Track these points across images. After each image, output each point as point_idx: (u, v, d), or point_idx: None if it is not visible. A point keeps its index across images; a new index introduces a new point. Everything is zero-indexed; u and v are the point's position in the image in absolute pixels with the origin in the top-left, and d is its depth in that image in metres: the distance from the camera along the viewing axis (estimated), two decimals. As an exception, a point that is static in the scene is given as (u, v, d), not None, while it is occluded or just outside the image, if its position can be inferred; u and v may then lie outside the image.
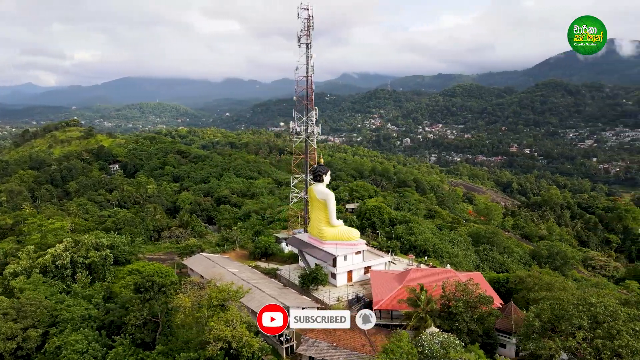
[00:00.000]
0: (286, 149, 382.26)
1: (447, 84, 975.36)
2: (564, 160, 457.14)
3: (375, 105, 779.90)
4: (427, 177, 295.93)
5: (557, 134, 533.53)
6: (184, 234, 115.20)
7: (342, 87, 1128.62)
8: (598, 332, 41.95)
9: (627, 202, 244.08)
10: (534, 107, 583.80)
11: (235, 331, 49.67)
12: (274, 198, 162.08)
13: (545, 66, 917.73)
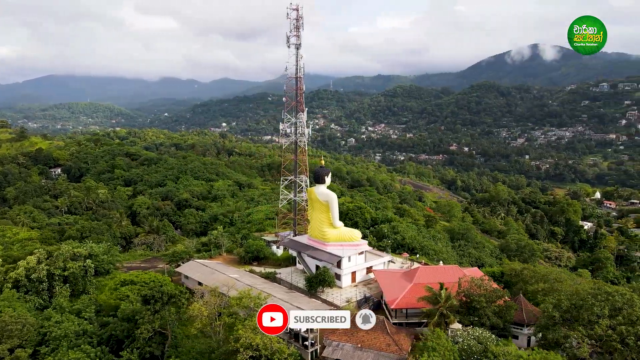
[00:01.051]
0: (235, 150, 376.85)
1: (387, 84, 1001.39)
2: (499, 158, 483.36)
3: (319, 106, 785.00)
4: (379, 176, 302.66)
5: (492, 133, 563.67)
6: (157, 240, 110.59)
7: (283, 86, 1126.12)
8: (619, 319, 45.40)
9: (563, 196, 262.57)
10: (470, 108, 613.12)
11: (265, 338, 48.76)
12: (240, 200, 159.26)
13: (478, 68, 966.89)
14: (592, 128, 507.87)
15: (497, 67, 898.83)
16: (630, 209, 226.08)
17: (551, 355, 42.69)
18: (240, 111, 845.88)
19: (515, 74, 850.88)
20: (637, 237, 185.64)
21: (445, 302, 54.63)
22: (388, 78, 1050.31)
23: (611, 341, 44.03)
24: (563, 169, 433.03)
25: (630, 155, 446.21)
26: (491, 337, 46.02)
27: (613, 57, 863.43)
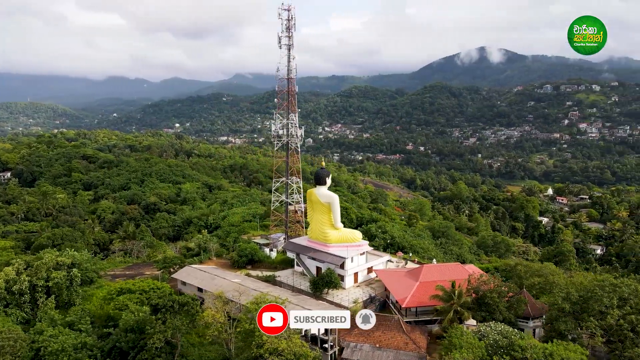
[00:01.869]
0: (194, 151, 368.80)
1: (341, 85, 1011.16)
2: (454, 157, 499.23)
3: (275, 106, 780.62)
4: (342, 176, 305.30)
5: (446, 132, 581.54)
6: (136, 247, 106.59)
7: (238, 87, 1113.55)
8: (627, 309, 48.41)
9: (518, 193, 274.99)
10: (424, 108, 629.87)
11: (291, 343, 48.37)
12: (214, 203, 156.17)
13: (429, 70, 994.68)
14: (538, 128, 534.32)
15: (447, 69, 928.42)
16: (580, 204, 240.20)
17: (571, 346, 44.98)
18: (194, 112, 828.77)
19: (465, 75, 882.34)
20: (590, 231, 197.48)
21: (459, 299, 56.20)
22: (342, 79, 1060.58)
23: (622, 330, 46.97)
24: (513, 167, 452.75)
25: (573, 153, 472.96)
26: (514, 331, 47.87)
27: (553, 61, 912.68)
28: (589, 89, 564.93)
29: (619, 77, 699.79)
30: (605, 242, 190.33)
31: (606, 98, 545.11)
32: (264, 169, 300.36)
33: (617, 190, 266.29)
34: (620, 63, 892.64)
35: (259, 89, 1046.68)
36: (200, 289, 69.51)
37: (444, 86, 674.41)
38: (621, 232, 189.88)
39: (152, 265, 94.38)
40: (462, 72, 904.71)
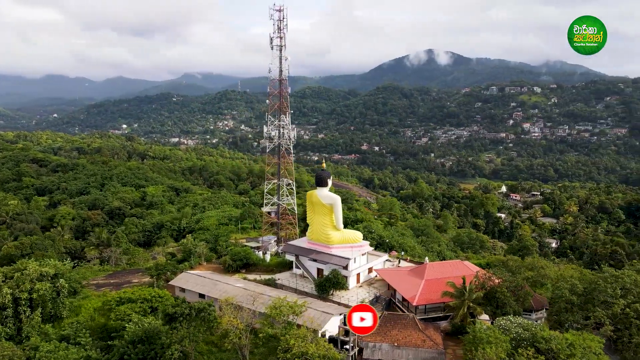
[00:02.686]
0: (148, 154, 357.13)
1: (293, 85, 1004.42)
2: (408, 157, 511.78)
3: (227, 107, 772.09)
4: (305, 177, 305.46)
5: (399, 132, 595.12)
6: (115, 254, 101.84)
7: (187, 87, 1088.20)
8: (630, 298, 51.89)
9: (472, 190, 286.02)
10: (377, 109, 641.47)
11: (319, 346, 48.23)
12: (187, 206, 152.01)
13: (379, 71, 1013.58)
14: (486, 127, 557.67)
15: (397, 70, 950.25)
16: (533, 200, 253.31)
17: (586, 335, 47.70)
18: (142, 112, 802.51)
19: (414, 76, 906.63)
20: (545, 225, 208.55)
21: (470, 295, 58.06)
22: (294, 79, 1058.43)
23: (628, 318, 50.34)
24: (464, 165, 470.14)
25: (518, 152, 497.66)
26: (533, 323, 50.07)
27: (495, 63, 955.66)
28: (531, 91, 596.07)
29: (556, 79, 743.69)
30: (559, 236, 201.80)
31: (546, 99, 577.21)
32: (225, 170, 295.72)
33: (564, 186, 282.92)
34: (555, 66, 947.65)
35: (209, 89, 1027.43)
36: (202, 295, 67.72)
37: (396, 87, 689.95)
38: (573, 226, 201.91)
39: (136, 272, 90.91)
40: (412, 74, 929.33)
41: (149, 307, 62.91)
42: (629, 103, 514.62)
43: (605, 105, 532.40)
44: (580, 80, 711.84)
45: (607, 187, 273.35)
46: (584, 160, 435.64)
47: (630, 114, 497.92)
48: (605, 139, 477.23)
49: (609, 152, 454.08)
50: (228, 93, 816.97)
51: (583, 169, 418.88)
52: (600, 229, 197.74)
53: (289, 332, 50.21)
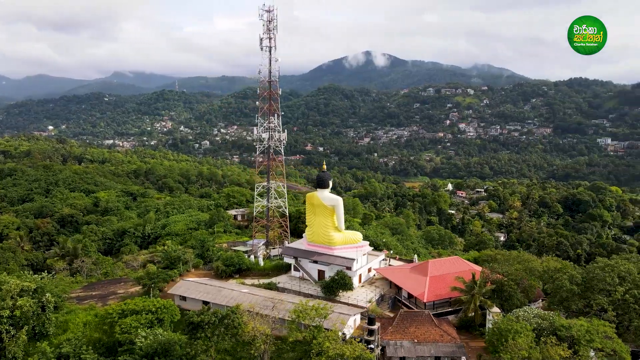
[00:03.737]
0: (85, 157, 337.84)
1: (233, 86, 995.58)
2: (352, 156, 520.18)
3: (165, 107, 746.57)
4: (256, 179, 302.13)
5: (341, 133, 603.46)
6: (87, 264, 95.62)
7: (119, 86, 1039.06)
8: (627, 285, 56.63)
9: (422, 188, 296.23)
10: (319, 109, 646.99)
11: (355, 347, 48.58)
12: (150, 211, 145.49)
13: (319, 72, 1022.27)
14: (424, 127, 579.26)
15: (336, 71, 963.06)
16: (478, 196, 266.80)
17: (597, 321, 51.64)
18: (71, 113, 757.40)
19: (353, 77, 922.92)
20: (492, 220, 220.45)
21: (480, 289, 60.72)
22: (233, 80, 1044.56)
23: (628, 304, 55.01)
24: (406, 164, 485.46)
25: (456, 150, 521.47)
26: (550, 313, 53.30)
27: (429, 66, 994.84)
28: (465, 93, 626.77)
29: (485, 81, 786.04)
30: (506, 230, 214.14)
31: (479, 101, 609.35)
32: (173, 173, 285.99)
33: (504, 183, 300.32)
34: (484, 69, 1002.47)
35: (143, 88, 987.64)
36: (207, 302, 65.60)
37: (337, 88, 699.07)
38: (518, 220, 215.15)
39: (117, 282, 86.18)
40: (351, 75, 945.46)
41: (156, 319, 60.12)
42: (552, 104, 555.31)
43: (531, 106, 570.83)
44: (507, 82, 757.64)
45: (543, 183, 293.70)
46: (516, 158, 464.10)
47: (554, 115, 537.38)
48: (533, 138, 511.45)
49: (536, 150, 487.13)
50: (165, 93, 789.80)
51: (515, 166, 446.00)
52: (542, 222, 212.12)
53: (319, 335, 50.15)
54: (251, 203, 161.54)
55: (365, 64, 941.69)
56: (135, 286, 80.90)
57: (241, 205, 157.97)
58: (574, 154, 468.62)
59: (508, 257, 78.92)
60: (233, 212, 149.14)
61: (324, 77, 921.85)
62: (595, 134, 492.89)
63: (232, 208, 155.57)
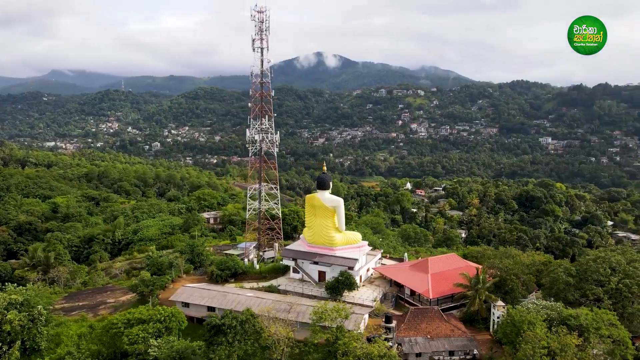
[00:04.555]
0: (29, 160, 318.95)
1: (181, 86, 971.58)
2: (308, 157, 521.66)
3: (110, 107, 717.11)
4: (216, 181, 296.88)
5: (296, 133, 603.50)
6: (63, 273, 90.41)
7: (58, 85, 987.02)
8: (619, 276, 60.73)
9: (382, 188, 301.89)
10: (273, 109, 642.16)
11: (381, 346, 49.31)
12: (118, 217, 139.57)
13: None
14: (378, 128, 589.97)
15: (288, 72, 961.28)
16: (437, 195, 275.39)
17: (595, 310, 55.16)
18: (5, 113, 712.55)
19: (305, 78, 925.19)
20: (453, 217, 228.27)
21: (484, 284, 63.15)
22: (181, 79, 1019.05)
23: (621, 292, 59.09)
24: (362, 164, 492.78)
25: (409, 150, 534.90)
26: (557, 304, 56.30)
27: (379, 67, 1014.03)
28: (416, 94, 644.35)
29: (433, 83, 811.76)
30: (466, 226, 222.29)
31: (429, 102, 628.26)
32: (128, 176, 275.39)
33: (459, 181, 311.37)
34: (431, 71, 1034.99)
35: (86, 88, 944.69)
36: (212, 308, 64.21)
37: (290, 89, 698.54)
38: (477, 217, 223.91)
39: (102, 291, 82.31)
40: (303, 75, 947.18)
41: (164, 328, 58.17)
42: (497, 105, 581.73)
43: (478, 107, 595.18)
44: (453, 84, 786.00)
45: (496, 180, 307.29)
46: (466, 157, 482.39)
47: (499, 115, 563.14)
48: (481, 137, 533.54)
49: (484, 149, 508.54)
50: (110, 93, 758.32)
51: (465, 165, 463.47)
52: (500, 218, 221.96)
53: (342, 334, 50.54)
54: (222, 205, 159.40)
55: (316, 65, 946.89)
56: (126, 294, 77.83)
57: (212, 208, 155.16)
58: (519, 152, 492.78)
59: (497, 253, 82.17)
60: (206, 215, 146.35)
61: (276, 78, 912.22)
62: (537, 134, 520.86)
63: (203, 211, 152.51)
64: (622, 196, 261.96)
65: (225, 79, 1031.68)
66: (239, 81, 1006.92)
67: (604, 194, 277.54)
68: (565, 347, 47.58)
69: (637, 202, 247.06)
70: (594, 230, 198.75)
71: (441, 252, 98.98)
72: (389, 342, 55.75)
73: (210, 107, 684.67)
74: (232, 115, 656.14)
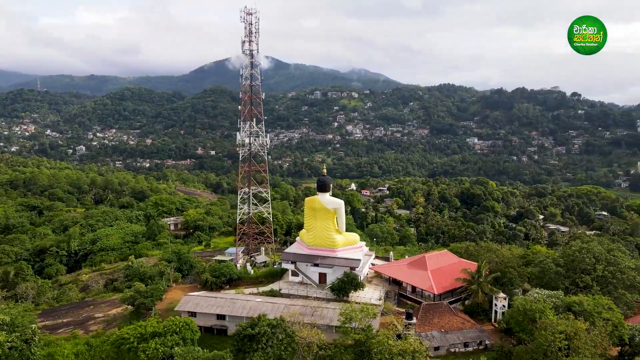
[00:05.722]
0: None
1: (103, 86, 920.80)
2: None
3: (25, 109, 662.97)
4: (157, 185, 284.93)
5: (232, 135, 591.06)
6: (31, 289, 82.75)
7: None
8: (602, 264, 66.69)
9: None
10: (207, 112, 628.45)
11: (413, 342, 50.76)
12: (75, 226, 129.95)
13: (201, 73, 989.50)
14: (314, 130, 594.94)
15: (220, 73, 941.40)
16: (382, 194, 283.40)
17: (591, 296, 60.40)
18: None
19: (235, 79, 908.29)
20: (402, 216, 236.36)
21: (485, 278, 66.72)
22: (104, 79, 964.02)
23: (606, 279, 65.01)
24: (300, 166, 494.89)
25: (345, 151, 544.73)
26: (558, 292, 60.69)
27: (311, 69, 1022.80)
28: (350, 96, 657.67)
29: (364, 85, 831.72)
30: (414, 224, 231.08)
31: (363, 104, 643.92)
32: (60, 182, 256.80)
33: (401, 181, 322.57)
34: (361, 73, 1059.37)
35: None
36: (222, 316, 62.37)
37: (224, 90, 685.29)
38: (424, 215, 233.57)
39: (84, 306, 76.66)
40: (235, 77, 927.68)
41: (180, 339, 55.62)
42: (427, 108, 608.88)
43: (410, 109, 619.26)
44: (384, 86, 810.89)
45: (435, 180, 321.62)
46: (401, 158, 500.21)
47: (429, 117, 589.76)
48: (413, 138, 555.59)
49: (418, 149, 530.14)
50: (24, 92, 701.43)
51: (401, 165, 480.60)
52: (445, 215, 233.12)
53: (371, 333, 51.53)
54: (181, 211, 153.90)
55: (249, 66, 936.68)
56: (113, 308, 73.29)
57: (171, 213, 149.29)
58: (449, 152, 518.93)
59: (479, 248, 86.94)
60: (166, 221, 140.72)
61: (207, 79, 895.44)
62: (464, 134, 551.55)
63: (161, 217, 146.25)
64: (548, 192, 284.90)
65: (152, 79, 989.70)
66: (167, 82, 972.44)
67: (532, 190, 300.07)
68: (578, 332, 51.72)
69: (561, 196, 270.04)
70: (530, 224, 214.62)
71: (405, 250, 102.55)
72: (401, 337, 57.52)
73: (139, 109, 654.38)
74: (163, 117, 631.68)
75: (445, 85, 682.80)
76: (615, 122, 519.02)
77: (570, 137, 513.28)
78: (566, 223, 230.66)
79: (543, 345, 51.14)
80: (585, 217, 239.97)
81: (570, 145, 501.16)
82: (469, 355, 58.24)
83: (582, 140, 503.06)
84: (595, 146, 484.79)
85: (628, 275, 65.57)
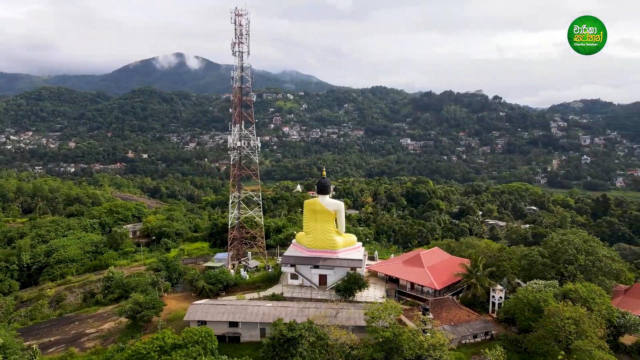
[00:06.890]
0: None
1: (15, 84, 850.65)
2: (181, 162, 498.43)
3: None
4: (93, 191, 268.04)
5: (164, 138, 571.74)
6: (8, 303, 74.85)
7: None
8: (583, 254, 72.69)
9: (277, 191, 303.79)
10: (136, 113, 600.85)
11: (441, 336, 52.66)
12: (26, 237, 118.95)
13: (125, 72, 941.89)
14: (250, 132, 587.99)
15: (146, 72, 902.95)
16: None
17: (583, 283, 65.71)
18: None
19: (166, 80, 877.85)
20: (352, 216, 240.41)
21: (483, 272, 70.33)
22: (14, 77, 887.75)
23: (587, 268, 70.95)
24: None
25: (283, 153, 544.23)
26: (551, 282, 65.27)
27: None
28: (285, 97, 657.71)
29: (297, 87, 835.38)
30: (365, 224, 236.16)
31: (298, 105, 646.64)
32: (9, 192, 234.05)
33: (344, 181, 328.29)
34: (292, 75, 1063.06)
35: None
36: (235, 323, 60.66)
37: (154, 91, 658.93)
38: (374, 215, 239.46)
39: (67, 322, 70.89)
40: (162, 77, 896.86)
41: (202, 349, 53.41)
42: (362, 109, 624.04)
43: (345, 111, 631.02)
44: (316, 88, 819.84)
45: (378, 179, 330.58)
46: (339, 159, 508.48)
47: (364, 119, 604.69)
48: (350, 139, 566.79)
49: (354, 150, 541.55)
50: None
51: (339, 166, 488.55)
52: (394, 214, 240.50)
53: (399, 330, 52.92)
54: (137, 217, 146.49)
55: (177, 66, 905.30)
56: (103, 322, 68.63)
57: (127, 220, 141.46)
58: (384, 152, 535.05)
59: (460, 244, 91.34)
60: (129, 226, 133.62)
61: (132, 78, 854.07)
62: (398, 135, 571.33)
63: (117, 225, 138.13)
64: (483, 189, 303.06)
65: (70, 78, 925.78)
66: (88, 81, 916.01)
67: (468, 187, 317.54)
68: (582, 316, 56.31)
69: (495, 193, 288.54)
70: (472, 220, 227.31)
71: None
72: (427, 332, 59.48)
73: (59, 110, 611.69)
74: (87, 119, 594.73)
75: (378, 88, 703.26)
76: (532, 123, 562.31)
77: (493, 138, 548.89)
78: (503, 218, 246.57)
79: (554, 331, 55.17)
80: (519, 212, 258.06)
81: (494, 145, 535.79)
82: (479, 345, 61.27)
83: (504, 141, 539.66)
84: (516, 146, 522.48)
85: (605, 263, 72.09)
